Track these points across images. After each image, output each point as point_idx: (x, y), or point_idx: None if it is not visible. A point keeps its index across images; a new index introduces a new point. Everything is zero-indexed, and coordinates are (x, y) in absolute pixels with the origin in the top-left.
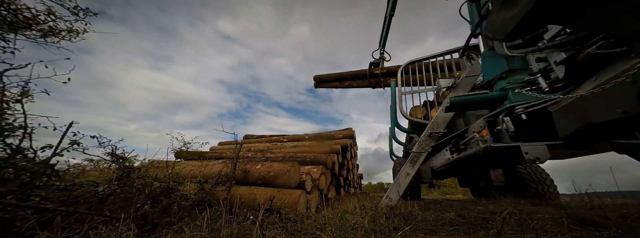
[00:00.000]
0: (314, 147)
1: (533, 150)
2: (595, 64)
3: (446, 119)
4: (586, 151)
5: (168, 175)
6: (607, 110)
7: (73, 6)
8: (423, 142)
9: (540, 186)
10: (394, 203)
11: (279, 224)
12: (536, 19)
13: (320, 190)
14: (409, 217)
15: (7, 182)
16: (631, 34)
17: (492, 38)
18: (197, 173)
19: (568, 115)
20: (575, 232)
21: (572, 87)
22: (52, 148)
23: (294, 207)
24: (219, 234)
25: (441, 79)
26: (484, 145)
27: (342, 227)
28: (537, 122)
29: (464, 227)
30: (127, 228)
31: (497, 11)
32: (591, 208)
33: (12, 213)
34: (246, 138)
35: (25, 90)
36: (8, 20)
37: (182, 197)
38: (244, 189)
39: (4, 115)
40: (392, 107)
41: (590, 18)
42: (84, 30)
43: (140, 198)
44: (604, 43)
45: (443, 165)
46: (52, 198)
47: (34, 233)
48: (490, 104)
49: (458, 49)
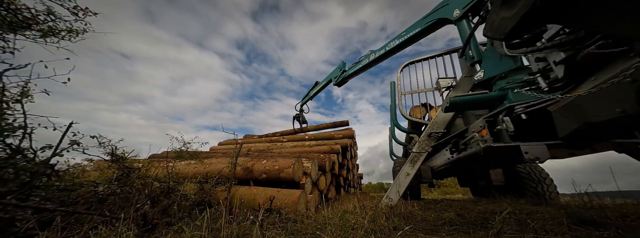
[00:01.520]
0: (314, 147)
1: (533, 149)
2: (595, 63)
3: (446, 119)
4: (585, 151)
5: (168, 175)
6: (606, 109)
7: (72, 6)
8: (423, 142)
9: (539, 185)
10: (394, 203)
11: (279, 224)
12: (535, 19)
13: (320, 191)
14: (409, 217)
15: (7, 182)
16: (630, 34)
17: (492, 37)
18: (198, 172)
19: (567, 115)
20: (575, 231)
21: (571, 86)
22: (52, 148)
23: (294, 207)
24: (219, 234)
25: (441, 79)
26: (483, 145)
27: (342, 226)
28: (536, 121)
29: (464, 226)
30: (127, 228)
31: (496, 11)
32: (591, 208)
33: (12, 213)
34: (246, 138)
35: (25, 90)
36: (8, 20)
37: (182, 197)
38: (244, 189)
39: (4, 115)
40: (391, 107)
41: (588, 19)
42: (83, 30)
43: (140, 198)
44: (603, 43)
45: (443, 165)
46: (52, 198)
47: (34, 233)
48: (490, 104)
49: (457, 49)
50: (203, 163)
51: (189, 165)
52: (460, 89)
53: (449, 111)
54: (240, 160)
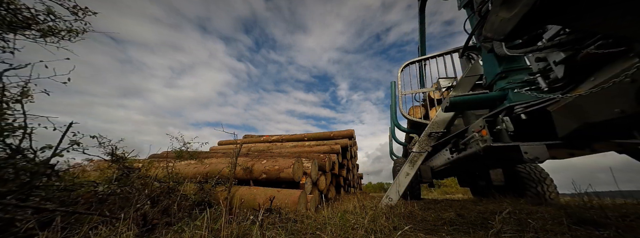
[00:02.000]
0: (313, 147)
1: (532, 149)
2: (594, 63)
3: (446, 118)
4: (585, 151)
5: (168, 175)
6: (605, 109)
7: (72, 6)
8: (423, 142)
9: (539, 185)
10: (394, 203)
11: (279, 224)
12: (535, 19)
13: (320, 191)
14: (409, 217)
15: (7, 182)
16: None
17: (491, 38)
18: (198, 172)
19: (567, 115)
20: (575, 231)
21: (571, 86)
22: (52, 148)
23: (294, 207)
24: (219, 234)
25: (441, 79)
26: (483, 145)
27: (342, 226)
28: (536, 121)
29: (464, 226)
30: (127, 228)
31: (496, 11)
32: (591, 208)
33: (12, 213)
34: (246, 138)
35: (25, 90)
36: (7, 20)
37: (182, 197)
38: (244, 189)
39: (4, 115)
40: (391, 106)
41: (588, 19)
42: (83, 30)
43: (140, 198)
44: (603, 43)
45: (443, 164)
46: (52, 199)
47: (34, 233)
48: (490, 104)
49: (457, 49)
50: (203, 164)
51: (189, 165)
52: (461, 89)
53: (449, 111)
54: (240, 160)
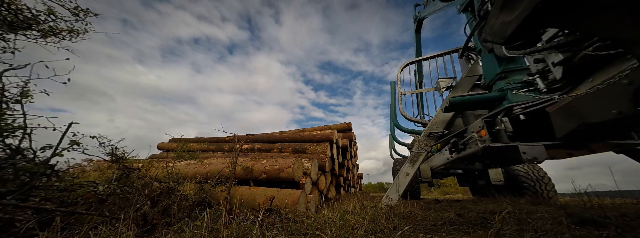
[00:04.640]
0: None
1: (531, 150)
2: (592, 65)
3: (445, 119)
4: (583, 151)
5: (168, 175)
6: (603, 110)
7: (74, 6)
8: (422, 142)
9: (538, 184)
10: (394, 203)
11: (279, 224)
12: (535, 22)
13: (320, 191)
14: (409, 217)
15: (7, 182)
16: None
17: (491, 41)
18: (197, 172)
19: (565, 116)
20: (574, 231)
21: (569, 87)
22: (52, 148)
23: (294, 207)
24: (219, 234)
25: (441, 79)
26: (482, 145)
27: (342, 226)
28: (535, 122)
29: (464, 226)
30: (126, 228)
31: (496, 15)
32: (590, 208)
33: (12, 213)
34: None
35: (25, 90)
36: (8, 20)
37: (182, 197)
38: (244, 189)
39: (3, 116)
40: (391, 106)
41: (589, 21)
42: (84, 31)
43: (140, 198)
44: (600, 45)
45: (443, 164)
46: (52, 199)
47: (34, 234)
48: (489, 104)
49: (457, 50)
50: (203, 164)
51: (188, 165)
52: (460, 89)
53: (449, 111)
54: (240, 160)
